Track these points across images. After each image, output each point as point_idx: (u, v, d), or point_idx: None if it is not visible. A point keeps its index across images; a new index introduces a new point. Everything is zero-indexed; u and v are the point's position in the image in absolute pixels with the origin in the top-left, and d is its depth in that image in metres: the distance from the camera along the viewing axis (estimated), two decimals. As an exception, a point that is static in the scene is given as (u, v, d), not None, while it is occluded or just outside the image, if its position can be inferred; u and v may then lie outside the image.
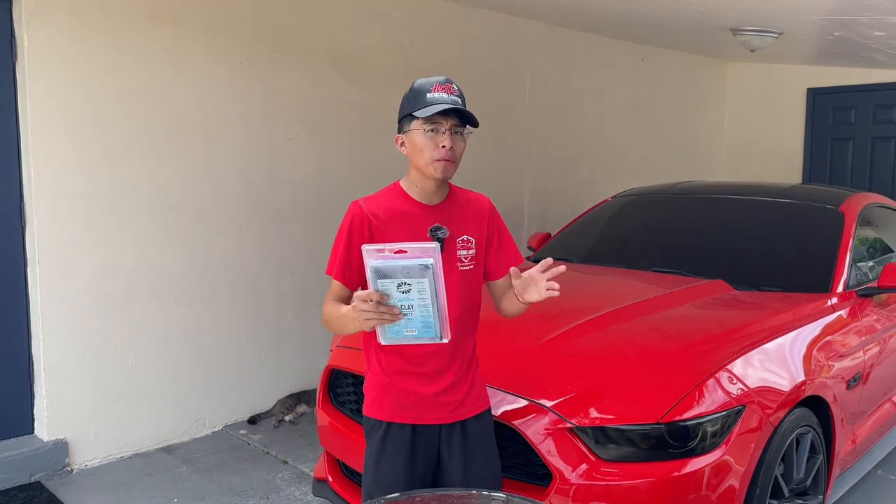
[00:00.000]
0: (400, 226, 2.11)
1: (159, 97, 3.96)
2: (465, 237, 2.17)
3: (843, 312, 3.27)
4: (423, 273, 1.77)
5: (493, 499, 1.61)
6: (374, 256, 1.79)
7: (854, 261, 3.54)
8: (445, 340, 1.86)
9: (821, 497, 2.93)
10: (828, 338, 3.05)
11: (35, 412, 3.81)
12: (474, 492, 1.68)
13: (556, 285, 1.97)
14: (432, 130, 2.04)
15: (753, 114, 7.86)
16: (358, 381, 2.95)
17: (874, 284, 3.54)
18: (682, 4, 4.76)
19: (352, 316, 1.88)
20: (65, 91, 3.65)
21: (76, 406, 3.82)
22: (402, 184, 2.17)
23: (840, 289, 3.37)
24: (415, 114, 2.04)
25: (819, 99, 7.38)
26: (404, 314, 1.82)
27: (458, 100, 2.06)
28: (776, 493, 2.63)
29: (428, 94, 2.04)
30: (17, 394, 3.75)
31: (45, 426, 3.74)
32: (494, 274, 2.25)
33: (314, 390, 4.42)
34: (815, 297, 3.27)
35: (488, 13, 5.54)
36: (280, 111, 4.47)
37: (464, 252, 2.16)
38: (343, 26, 4.72)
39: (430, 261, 1.77)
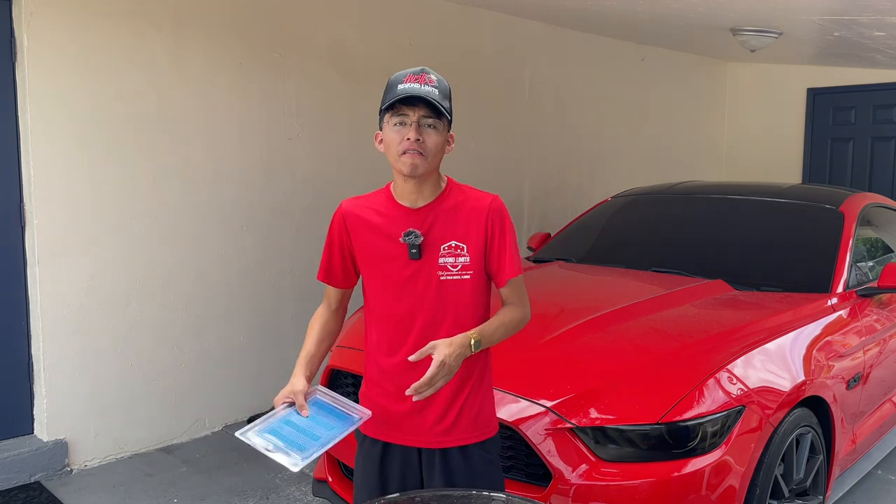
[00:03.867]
0: (375, 228, 1.96)
1: (159, 97, 3.96)
2: (452, 243, 1.92)
3: (843, 312, 3.27)
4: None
5: (494, 499, 1.61)
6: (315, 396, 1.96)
7: (854, 261, 3.54)
8: (294, 469, 1.75)
9: (821, 497, 2.93)
10: (828, 338, 3.05)
11: (35, 412, 3.81)
12: (474, 492, 1.69)
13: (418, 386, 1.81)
14: (399, 123, 1.86)
15: (753, 114, 7.85)
16: (357, 381, 2.95)
17: (874, 284, 3.54)
18: (682, 4, 4.76)
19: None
20: (65, 91, 3.65)
21: (76, 406, 3.82)
22: (392, 185, 2.01)
23: (840, 289, 3.37)
24: (383, 107, 1.88)
25: (819, 99, 7.38)
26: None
27: (433, 90, 1.84)
28: (776, 493, 2.63)
29: (399, 86, 1.84)
30: (17, 394, 3.75)
31: (45, 426, 3.74)
32: (494, 281, 1.99)
33: (314, 390, 4.41)
34: (815, 298, 3.27)
35: (488, 13, 5.54)
36: (280, 111, 4.47)
37: (450, 259, 1.91)
38: (343, 26, 4.71)
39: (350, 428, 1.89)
